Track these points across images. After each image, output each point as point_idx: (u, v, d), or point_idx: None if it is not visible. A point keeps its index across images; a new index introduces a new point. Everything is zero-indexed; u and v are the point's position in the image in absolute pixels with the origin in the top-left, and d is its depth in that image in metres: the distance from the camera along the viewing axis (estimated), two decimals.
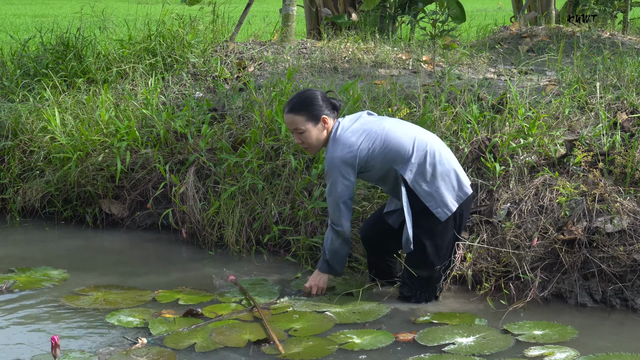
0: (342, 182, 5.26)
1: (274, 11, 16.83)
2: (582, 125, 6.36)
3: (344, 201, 5.31)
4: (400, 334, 5.04)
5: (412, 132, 5.36)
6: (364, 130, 5.30)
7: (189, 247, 6.75)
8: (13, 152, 7.58)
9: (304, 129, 5.33)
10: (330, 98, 5.42)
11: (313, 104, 5.34)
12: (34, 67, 8.50)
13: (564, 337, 4.99)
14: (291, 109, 5.36)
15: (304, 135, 5.36)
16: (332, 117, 5.37)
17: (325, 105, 5.35)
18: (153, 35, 8.66)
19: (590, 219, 5.59)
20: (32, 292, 5.74)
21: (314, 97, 5.37)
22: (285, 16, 9.97)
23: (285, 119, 5.41)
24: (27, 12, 22.40)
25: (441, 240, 5.37)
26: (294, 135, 5.42)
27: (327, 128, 5.36)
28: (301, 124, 5.33)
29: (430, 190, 5.26)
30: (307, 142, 5.38)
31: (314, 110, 5.32)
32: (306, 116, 5.32)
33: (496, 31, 10.64)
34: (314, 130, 5.34)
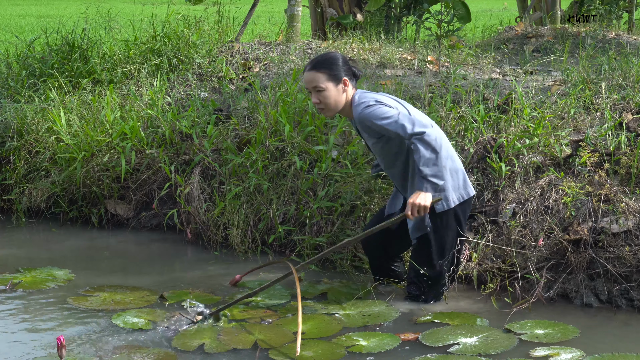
0: (388, 109, 5.13)
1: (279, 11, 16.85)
2: (588, 126, 6.36)
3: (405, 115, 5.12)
4: (403, 334, 5.04)
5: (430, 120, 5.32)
6: (390, 99, 5.28)
7: (194, 247, 6.76)
8: (19, 152, 7.60)
9: (323, 87, 5.25)
10: (352, 65, 5.37)
11: (336, 63, 5.27)
12: (39, 68, 8.51)
13: (566, 337, 4.99)
14: (313, 66, 5.28)
15: (322, 94, 5.26)
16: (352, 85, 5.31)
17: (346, 69, 5.29)
18: (158, 36, 8.67)
19: (595, 219, 5.59)
20: (38, 292, 5.75)
21: (336, 58, 5.31)
22: (290, 16, 9.98)
23: (305, 76, 5.32)
24: (32, 12, 22.44)
25: (444, 237, 5.34)
26: (312, 94, 5.32)
27: (347, 92, 5.28)
28: (321, 81, 5.24)
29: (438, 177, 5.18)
30: (325, 102, 5.28)
31: (336, 70, 5.26)
32: (327, 74, 5.24)
33: (501, 31, 10.64)
34: (333, 90, 5.25)
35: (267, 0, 24.00)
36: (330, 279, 5.94)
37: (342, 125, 6.67)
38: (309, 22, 12.98)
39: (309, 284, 5.85)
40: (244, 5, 10.01)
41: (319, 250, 6.24)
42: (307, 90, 5.43)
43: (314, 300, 5.55)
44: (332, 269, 6.16)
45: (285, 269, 5.51)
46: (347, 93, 5.30)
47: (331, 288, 5.74)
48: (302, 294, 5.63)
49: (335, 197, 6.36)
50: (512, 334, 5.02)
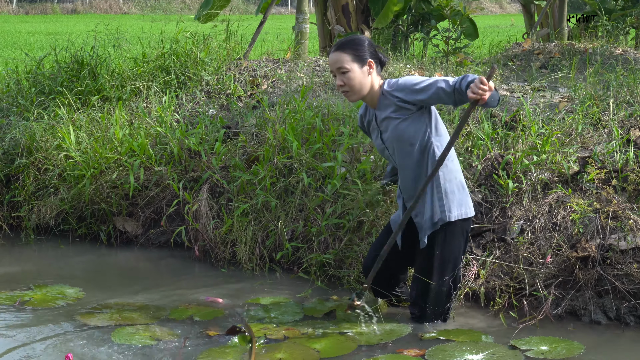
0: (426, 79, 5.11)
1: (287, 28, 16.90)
2: (595, 142, 6.36)
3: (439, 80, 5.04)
4: (408, 350, 5.04)
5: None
6: None
7: (201, 264, 6.77)
8: (28, 169, 7.62)
9: (348, 68, 5.16)
10: (378, 51, 5.30)
11: (362, 45, 5.20)
12: (48, 85, 8.55)
13: (571, 353, 4.99)
14: (339, 47, 5.20)
15: (347, 76, 5.17)
16: (377, 71, 5.25)
17: (372, 52, 5.22)
18: (167, 54, 8.70)
19: (603, 236, 5.58)
20: (47, 309, 5.76)
21: (362, 40, 5.24)
22: (298, 33, 10.00)
23: (330, 58, 5.23)
24: (41, 29, 22.54)
25: (449, 251, 5.30)
26: (337, 77, 5.23)
27: (372, 76, 5.21)
28: (347, 62, 5.16)
29: (449, 186, 5.21)
30: (350, 84, 5.19)
31: (362, 51, 5.18)
32: (352, 55, 5.16)
33: (509, 48, 10.65)
34: (358, 72, 5.17)
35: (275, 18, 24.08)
36: (338, 296, 5.94)
37: (350, 143, 6.68)
38: (316, 39, 13.01)
39: (318, 301, 5.85)
40: (252, 23, 10.04)
41: (327, 268, 6.24)
42: (331, 74, 5.36)
43: (323, 319, 5.55)
44: (339, 285, 6.16)
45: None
46: (372, 78, 5.23)
47: (340, 306, 5.74)
48: (311, 311, 5.68)
49: (343, 213, 6.37)
50: (518, 351, 5.02)
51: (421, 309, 5.41)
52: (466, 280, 5.74)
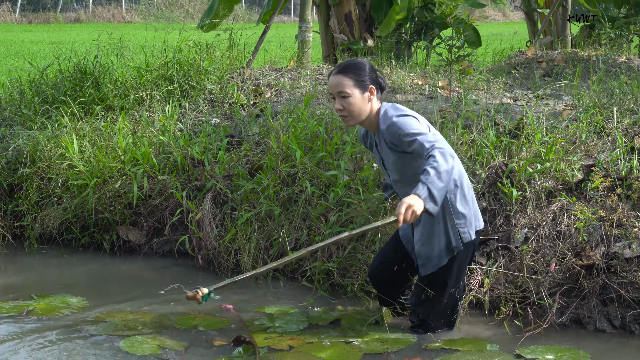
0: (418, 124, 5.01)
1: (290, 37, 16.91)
2: (599, 150, 6.35)
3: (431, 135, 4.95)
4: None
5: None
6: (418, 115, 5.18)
7: (205, 273, 6.76)
8: (31, 179, 7.62)
9: (349, 93, 5.10)
10: (379, 76, 5.24)
11: (364, 70, 5.14)
12: (52, 95, 8.55)
13: None
14: (341, 70, 5.15)
15: (347, 101, 5.12)
16: (377, 96, 5.19)
17: (373, 77, 5.17)
18: (170, 63, 8.70)
19: (608, 244, 5.57)
20: (51, 319, 5.75)
21: (364, 65, 5.18)
22: (301, 42, 10.01)
23: (331, 80, 5.17)
24: (44, 39, 22.55)
25: (459, 264, 5.29)
26: (337, 100, 5.17)
27: (372, 102, 5.16)
28: (348, 87, 5.10)
29: (463, 208, 5.17)
30: (349, 109, 5.13)
31: (363, 77, 5.13)
32: (354, 80, 5.10)
33: (512, 56, 10.64)
34: (359, 98, 5.11)
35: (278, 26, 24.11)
36: (343, 305, 5.93)
37: (353, 152, 6.68)
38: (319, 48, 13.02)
39: (323, 310, 5.84)
40: (255, 31, 10.05)
41: (330, 277, 6.23)
42: (330, 95, 5.32)
43: (328, 328, 5.54)
44: (343, 294, 6.14)
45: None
46: (372, 103, 5.18)
47: (345, 315, 5.73)
48: (316, 320, 5.66)
49: (346, 221, 6.36)
50: (523, 359, 5.00)
51: (420, 320, 5.39)
52: (470, 289, 5.72)
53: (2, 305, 5.98)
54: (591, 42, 11.60)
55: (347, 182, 6.50)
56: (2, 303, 6.02)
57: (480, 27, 12.89)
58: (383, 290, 5.59)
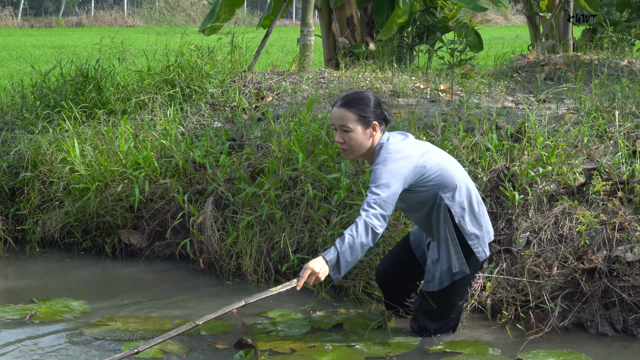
0: (393, 180, 4.92)
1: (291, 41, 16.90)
2: (601, 154, 6.35)
3: (392, 200, 4.93)
4: None
5: (459, 166, 5.24)
6: (419, 148, 5.09)
7: (206, 277, 6.75)
8: (33, 183, 7.62)
9: (351, 128, 5.06)
10: (384, 108, 5.17)
11: (368, 105, 5.07)
12: (54, 99, 8.55)
13: None
14: (345, 103, 5.08)
15: (348, 135, 5.08)
16: (380, 129, 5.12)
17: (378, 113, 5.10)
18: (172, 66, 8.70)
19: (610, 247, 5.57)
20: (53, 323, 5.74)
21: (369, 99, 5.10)
22: (303, 46, 10.01)
23: (335, 112, 5.12)
24: (46, 43, 22.57)
25: (465, 282, 5.28)
26: (338, 132, 5.13)
27: (374, 138, 5.11)
28: (350, 122, 5.05)
29: (475, 229, 5.15)
30: (349, 144, 5.10)
31: (367, 113, 5.06)
32: (358, 115, 5.04)
33: (514, 59, 10.65)
34: (360, 134, 5.06)
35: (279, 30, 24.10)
36: (345, 309, 5.92)
37: None
38: (321, 51, 13.01)
39: (325, 313, 5.83)
40: (257, 35, 10.05)
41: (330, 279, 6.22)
42: (332, 126, 5.28)
43: (330, 331, 5.54)
44: (345, 297, 6.14)
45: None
46: (374, 138, 5.11)
47: (347, 318, 5.73)
48: (318, 324, 5.65)
49: (348, 224, 6.35)
50: None
51: (421, 327, 5.39)
52: (472, 293, 5.72)
53: (5, 309, 5.98)
54: (593, 46, 11.61)
55: (348, 184, 6.49)
56: (5, 307, 6.02)
57: (482, 30, 12.89)
58: (389, 292, 5.60)
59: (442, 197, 5.09)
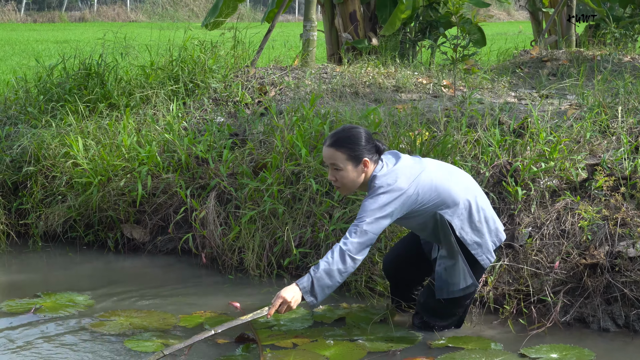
0: (381, 220, 4.95)
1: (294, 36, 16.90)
2: (604, 150, 6.35)
3: (373, 238, 4.97)
4: (417, 358, 5.02)
5: (456, 176, 5.21)
6: (411, 175, 5.05)
7: (209, 271, 6.76)
8: (36, 177, 7.63)
9: (342, 167, 5.05)
10: (376, 140, 5.14)
11: (357, 143, 5.04)
12: (57, 93, 8.56)
13: None
14: (333, 143, 5.07)
15: (340, 174, 5.08)
16: (373, 162, 5.08)
17: (369, 148, 5.07)
18: (175, 61, 8.70)
19: (612, 243, 5.57)
20: (57, 317, 5.75)
21: (359, 136, 5.06)
22: (306, 41, 10.01)
23: (324, 152, 5.11)
24: (49, 37, 22.58)
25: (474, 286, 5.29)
26: (330, 170, 5.15)
27: (366, 172, 5.09)
28: (340, 161, 5.05)
29: (476, 237, 5.15)
30: (342, 182, 5.11)
31: (357, 151, 5.03)
32: (347, 155, 5.03)
33: (517, 55, 10.64)
34: (352, 172, 5.06)
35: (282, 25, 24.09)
36: (348, 303, 5.93)
37: None
38: (324, 47, 13.02)
39: (328, 308, 5.83)
40: (260, 30, 10.05)
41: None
42: (324, 164, 5.29)
43: (333, 326, 5.54)
44: (347, 291, 6.14)
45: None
46: (367, 172, 5.10)
47: (349, 313, 5.73)
48: (321, 318, 5.66)
49: (350, 218, 6.36)
50: (528, 359, 5.00)
51: (424, 323, 5.40)
52: None
53: (10, 302, 5.99)
54: (596, 42, 11.60)
55: None
56: (10, 301, 6.03)
57: (484, 26, 12.89)
58: (394, 283, 5.60)
59: (441, 214, 5.09)
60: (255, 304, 5.93)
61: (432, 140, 6.64)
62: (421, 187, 5.04)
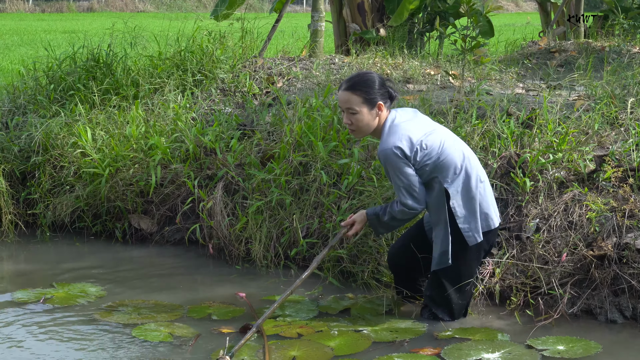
0: (406, 169, 5.09)
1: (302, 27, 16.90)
2: (612, 141, 6.33)
3: (415, 187, 5.11)
4: (423, 349, 5.02)
5: (462, 148, 5.25)
6: (423, 130, 5.17)
7: (216, 262, 6.76)
8: (44, 167, 7.64)
9: (357, 110, 5.16)
10: (389, 86, 5.25)
11: (372, 87, 5.16)
12: (66, 82, 8.55)
13: (588, 352, 4.97)
14: (349, 87, 5.18)
15: (355, 117, 5.18)
16: (386, 107, 5.22)
17: (383, 92, 5.19)
18: (183, 52, 8.70)
19: (620, 234, 5.56)
20: (67, 307, 5.77)
21: (373, 80, 5.19)
22: (313, 32, 10.01)
23: (340, 96, 5.22)
24: (57, 28, 22.59)
25: (465, 266, 5.29)
26: (345, 115, 5.24)
27: (380, 117, 5.20)
28: (356, 104, 5.15)
29: (467, 213, 5.17)
30: (357, 125, 5.20)
31: (372, 94, 5.15)
32: (363, 98, 5.14)
33: (525, 46, 10.62)
34: (367, 115, 5.17)
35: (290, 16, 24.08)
36: (353, 294, 5.93)
37: (365, 141, 6.67)
38: (332, 37, 13.01)
39: (333, 299, 5.85)
40: (268, 21, 10.04)
41: (341, 263, 6.23)
42: (339, 109, 5.37)
43: (338, 316, 5.55)
44: (353, 282, 6.14)
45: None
46: (381, 117, 5.21)
47: (355, 304, 5.74)
48: (326, 309, 5.67)
49: (359, 209, 6.35)
50: (534, 350, 5.00)
51: (431, 313, 5.41)
52: (482, 279, 5.72)
53: (22, 292, 6.02)
54: (604, 33, 11.57)
55: (359, 170, 6.50)
56: (22, 290, 6.05)
57: (493, 17, 12.87)
58: (400, 275, 5.61)
59: (441, 180, 5.14)
60: (262, 294, 5.95)
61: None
62: (429, 142, 5.14)
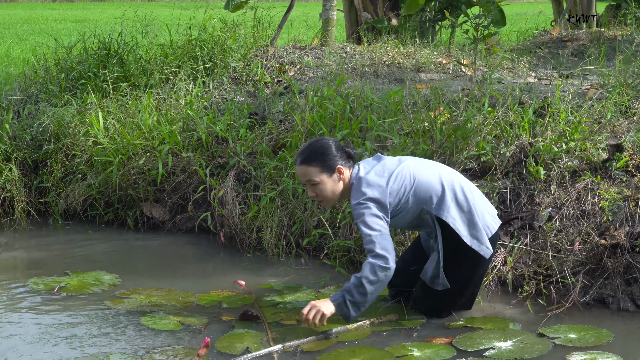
0: (376, 220, 4.91)
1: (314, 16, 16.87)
2: (625, 130, 6.32)
3: (386, 237, 4.92)
4: (436, 339, 5.02)
5: (436, 169, 5.15)
6: (389, 171, 5.04)
7: (227, 250, 6.77)
8: (56, 155, 7.66)
9: (318, 181, 5.03)
10: (344, 147, 5.14)
11: (326, 153, 5.03)
12: (78, 72, 8.57)
13: (600, 341, 4.96)
14: (303, 160, 5.06)
15: (318, 188, 5.06)
16: (347, 167, 5.07)
17: (339, 155, 5.05)
18: (195, 40, 8.70)
19: (632, 223, 5.54)
20: (79, 295, 5.78)
21: (327, 146, 5.06)
22: (325, 20, 9.99)
23: (297, 170, 5.11)
24: (68, 17, 22.62)
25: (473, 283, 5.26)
26: (308, 188, 5.14)
27: (344, 179, 5.07)
28: (315, 175, 5.03)
29: (468, 228, 5.06)
30: (322, 195, 5.08)
31: (328, 160, 5.02)
32: (320, 167, 5.02)
33: (537, 35, 10.59)
34: (328, 182, 5.05)
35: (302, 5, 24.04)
36: None
37: (378, 130, 6.67)
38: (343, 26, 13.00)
39: (336, 287, 5.79)
40: (280, 10, 10.03)
41: (350, 253, 6.22)
42: (301, 183, 5.25)
43: None
44: None
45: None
46: (345, 178, 5.08)
47: None
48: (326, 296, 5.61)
49: None
50: (546, 338, 4.99)
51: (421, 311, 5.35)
52: (494, 267, 5.71)
53: (37, 280, 6.04)
54: (617, 22, 11.53)
55: None
56: (37, 278, 6.08)
57: (504, 6, 12.82)
58: (395, 293, 5.51)
59: (429, 210, 5.05)
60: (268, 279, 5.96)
61: (453, 122, 6.58)
62: (400, 178, 5.02)
